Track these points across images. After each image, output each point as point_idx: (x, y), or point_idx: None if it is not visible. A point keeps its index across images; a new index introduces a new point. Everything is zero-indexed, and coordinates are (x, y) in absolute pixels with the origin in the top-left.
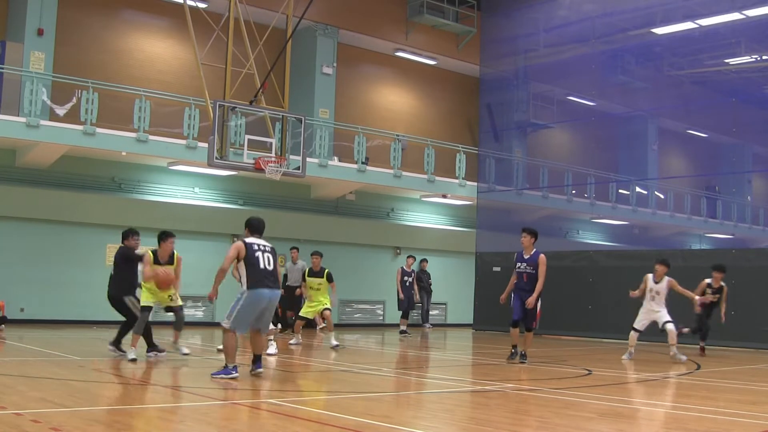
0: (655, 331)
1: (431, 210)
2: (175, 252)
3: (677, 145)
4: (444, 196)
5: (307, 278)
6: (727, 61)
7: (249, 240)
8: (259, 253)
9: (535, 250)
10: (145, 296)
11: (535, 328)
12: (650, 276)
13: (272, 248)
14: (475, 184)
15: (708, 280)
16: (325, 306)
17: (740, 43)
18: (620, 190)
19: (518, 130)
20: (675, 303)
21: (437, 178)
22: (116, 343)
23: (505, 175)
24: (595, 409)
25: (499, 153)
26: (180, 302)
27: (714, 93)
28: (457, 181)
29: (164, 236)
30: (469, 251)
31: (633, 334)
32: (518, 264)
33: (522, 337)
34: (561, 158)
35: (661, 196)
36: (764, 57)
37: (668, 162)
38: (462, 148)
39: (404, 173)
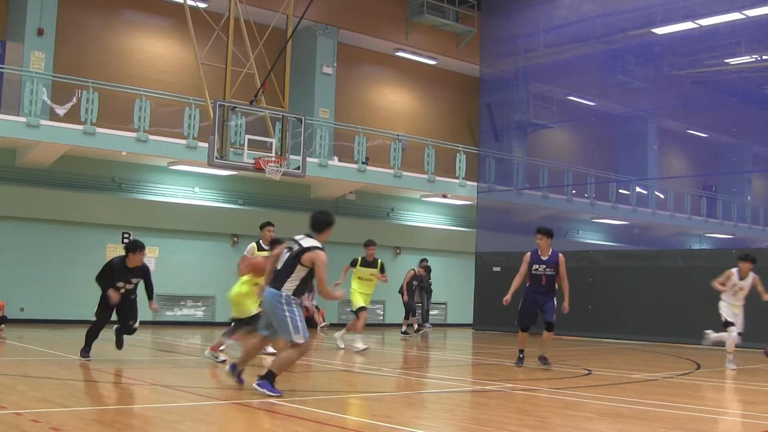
0: (656, 331)
1: (431, 210)
2: None
3: (677, 145)
4: (444, 196)
5: (359, 267)
6: (727, 61)
7: (296, 237)
8: (284, 252)
9: (552, 250)
10: (252, 304)
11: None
12: (735, 271)
13: (301, 249)
14: (475, 184)
15: None
16: (365, 305)
17: (740, 43)
18: (620, 190)
19: (518, 130)
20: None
21: (437, 178)
22: (119, 344)
23: (505, 175)
24: (595, 409)
25: (499, 153)
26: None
27: (714, 93)
28: (457, 181)
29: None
30: (469, 251)
31: (735, 337)
32: (535, 266)
33: (534, 338)
34: (561, 158)
35: (661, 196)
36: (764, 57)
37: (668, 162)
38: (462, 148)
39: (404, 173)
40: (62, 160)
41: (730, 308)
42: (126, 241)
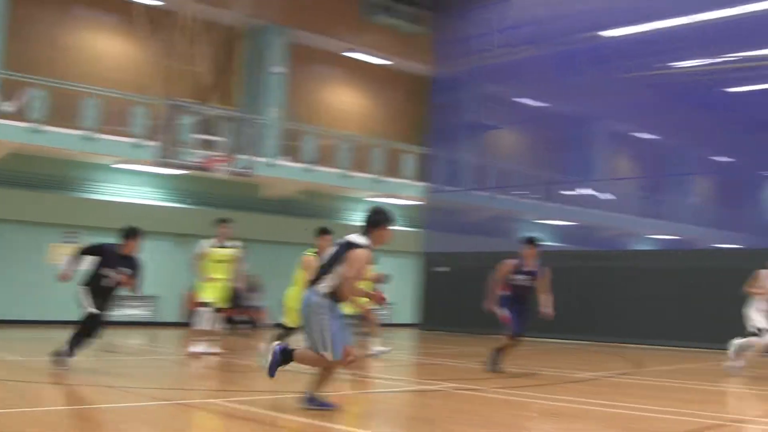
0: (602, 331)
1: None
2: None
3: (625, 147)
4: (392, 197)
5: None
6: (676, 64)
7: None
8: (333, 248)
9: (536, 261)
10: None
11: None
12: (764, 272)
13: (348, 243)
14: (425, 184)
15: None
16: None
17: (689, 47)
18: (568, 191)
19: (469, 130)
20: None
21: (386, 178)
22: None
23: (454, 176)
24: (537, 409)
25: (449, 153)
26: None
27: (663, 96)
28: (406, 181)
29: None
30: (417, 251)
31: (755, 340)
32: (518, 276)
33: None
34: (511, 159)
35: (609, 197)
36: (712, 61)
37: (617, 163)
38: (412, 148)
39: (353, 173)
40: (9, 158)
41: (762, 314)
42: (67, 240)
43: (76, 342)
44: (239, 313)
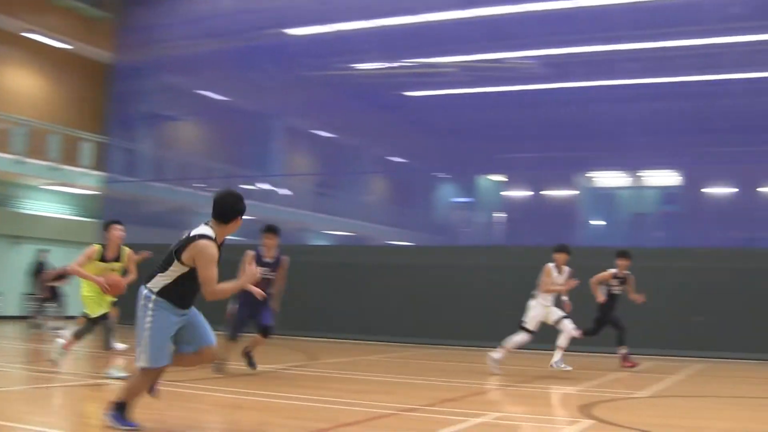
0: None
1: (55, 198)
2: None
3: (304, 144)
4: (68, 185)
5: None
6: (356, 66)
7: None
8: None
9: (276, 251)
10: (92, 308)
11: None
12: (551, 266)
13: (186, 238)
14: (103, 173)
15: (612, 270)
16: None
17: (370, 50)
18: (247, 185)
19: (149, 120)
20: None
21: (63, 166)
22: None
23: (133, 166)
24: (214, 401)
25: (128, 143)
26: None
27: (342, 95)
28: (83, 169)
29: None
30: (94, 242)
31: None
32: (259, 268)
33: (252, 339)
34: (190, 151)
35: (286, 193)
36: (391, 65)
37: (294, 160)
38: (91, 136)
39: (28, 160)
40: None
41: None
42: None
43: None
44: None
